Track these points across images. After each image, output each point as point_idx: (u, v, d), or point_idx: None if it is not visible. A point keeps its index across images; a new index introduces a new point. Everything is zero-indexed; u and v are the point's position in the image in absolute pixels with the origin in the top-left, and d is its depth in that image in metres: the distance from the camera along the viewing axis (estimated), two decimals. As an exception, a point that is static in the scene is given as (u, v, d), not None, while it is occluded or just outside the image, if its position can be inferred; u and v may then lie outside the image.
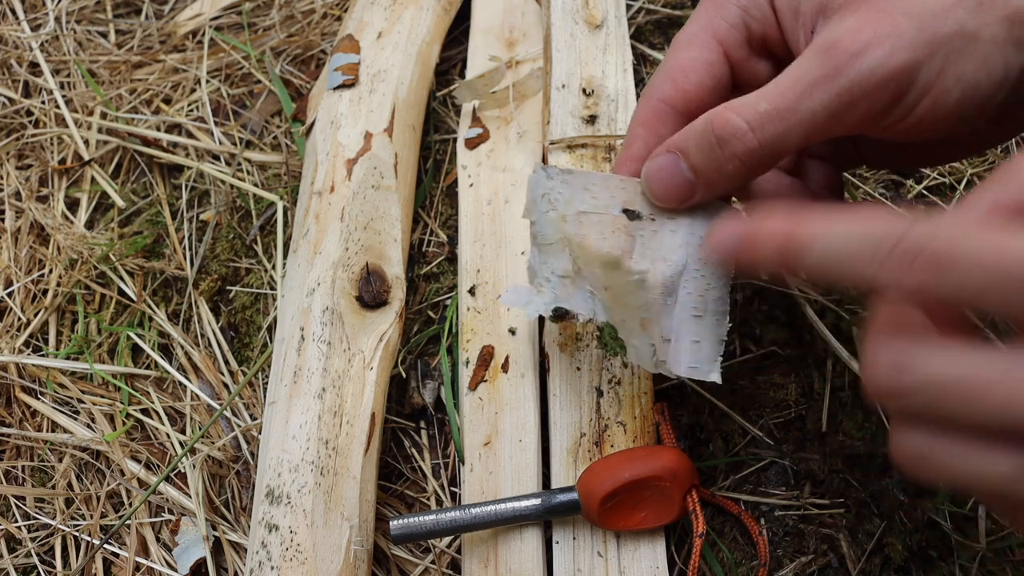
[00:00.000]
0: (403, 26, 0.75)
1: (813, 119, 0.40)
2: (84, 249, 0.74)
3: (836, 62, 0.39)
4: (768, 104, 0.40)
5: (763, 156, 0.41)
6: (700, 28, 0.47)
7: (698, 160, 0.43)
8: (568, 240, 0.47)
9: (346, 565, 0.52)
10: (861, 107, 0.40)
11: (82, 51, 0.88)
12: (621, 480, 0.50)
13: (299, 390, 0.57)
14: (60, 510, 0.64)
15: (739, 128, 0.41)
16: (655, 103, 0.47)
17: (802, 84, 0.40)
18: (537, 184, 0.48)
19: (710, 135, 0.42)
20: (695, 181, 0.44)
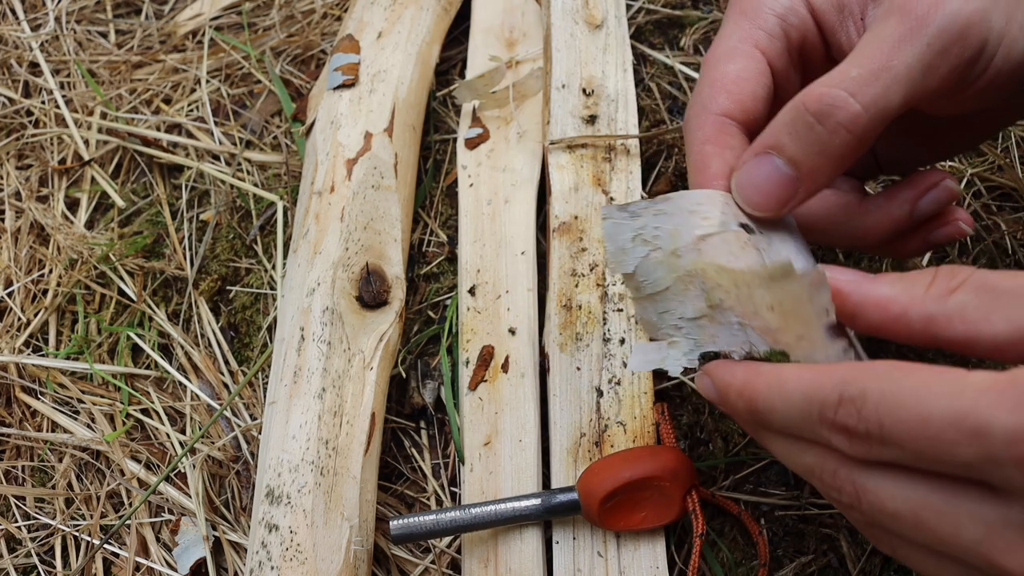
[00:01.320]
0: (403, 26, 0.75)
1: (909, 74, 0.38)
2: (84, 249, 0.74)
3: (916, 15, 0.38)
4: (860, 68, 0.38)
5: (869, 122, 0.39)
6: (740, 40, 0.44)
7: (797, 149, 0.40)
8: (699, 273, 0.41)
9: (346, 565, 0.52)
10: (953, 55, 0.38)
11: (82, 51, 0.88)
12: (621, 480, 0.50)
13: (299, 390, 0.57)
14: (60, 510, 0.64)
15: (838, 97, 0.38)
16: (716, 118, 0.43)
17: (889, 43, 0.38)
18: (620, 229, 0.43)
19: (805, 115, 0.39)
20: (797, 176, 0.40)
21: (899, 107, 0.39)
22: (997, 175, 0.66)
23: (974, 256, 0.63)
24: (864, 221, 0.46)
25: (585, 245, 0.62)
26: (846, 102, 0.38)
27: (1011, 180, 0.66)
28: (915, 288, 0.35)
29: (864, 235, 0.46)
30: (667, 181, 0.69)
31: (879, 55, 0.38)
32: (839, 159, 0.40)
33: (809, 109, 0.39)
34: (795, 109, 0.39)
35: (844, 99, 0.38)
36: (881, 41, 0.38)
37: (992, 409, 0.29)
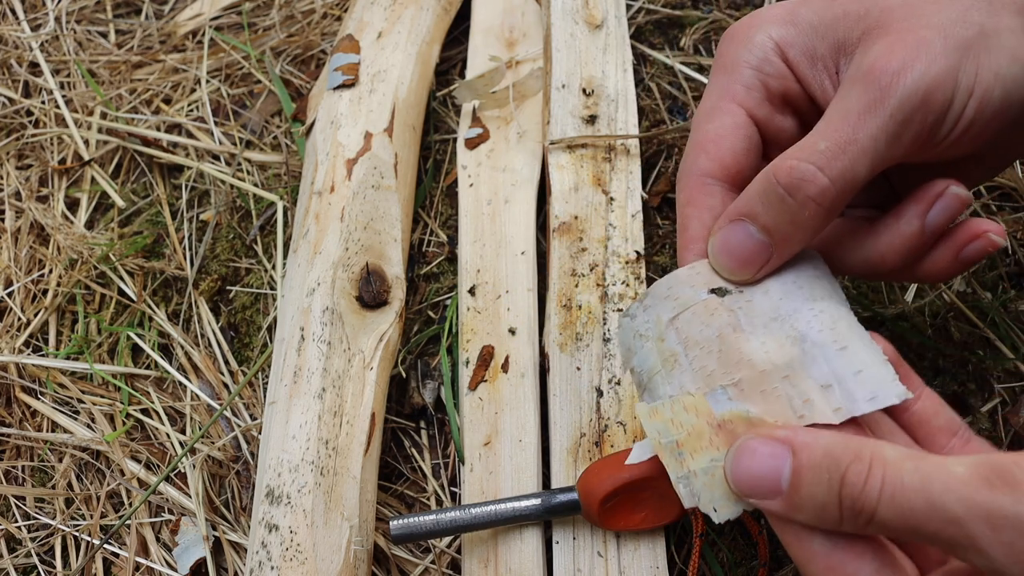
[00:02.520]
0: (403, 26, 0.75)
1: (875, 146, 0.39)
2: (84, 249, 0.74)
3: (879, 85, 0.39)
4: (827, 141, 0.40)
5: (837, 195, 0.40)
6: (718, 97, 0.46)
7: (769, 218, 0.41)
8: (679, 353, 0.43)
9: (346, 565, 0.52)
10: (916, 122, 0.40)
11: (82, 51, 0.88)
12: (621, 480, 0.50)
13: (299, 390, 0.57)
14: (60, 510, 0.64)
15: (807, 171, 0.40)
16: (695, 179, 0.45)
17: (854, 114, 0.39)
18: (625, 332, 0.46)
19: (776, 188, 0.40)
20: (769, 242, 0.42)
21: (866, 176, 0.40)
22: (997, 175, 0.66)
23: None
24: (877, 245, 0.45)
25: (585, 245, 0.62)
26: (814, 176, 0.39)
27: (1011, 180, 0.66)
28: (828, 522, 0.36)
29: (880, 260, 0.45)
30: (667, 181, 0.69)
31: (845, 128, 0.39)
32: (810, 228, 0.41)
33: (780, 182, 0.40)
34: (767, 180, 0.41)
35: (812, 173, 0.39)
36: (847, 112, 0.40)
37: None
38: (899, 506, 0.33)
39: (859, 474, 0.34)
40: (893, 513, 0.33)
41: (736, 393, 0.41)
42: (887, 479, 0.34)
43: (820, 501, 0.35)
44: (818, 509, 0.36)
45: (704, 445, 0.41)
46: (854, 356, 0.41)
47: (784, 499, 0.36)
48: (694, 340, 0.43)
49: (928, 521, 0.32)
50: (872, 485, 0.34)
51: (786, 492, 0.36)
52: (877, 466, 0.34)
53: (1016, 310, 0.61)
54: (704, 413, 0.41)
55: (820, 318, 0.42)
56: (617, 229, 0.63)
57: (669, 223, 0.67)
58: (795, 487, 0.36)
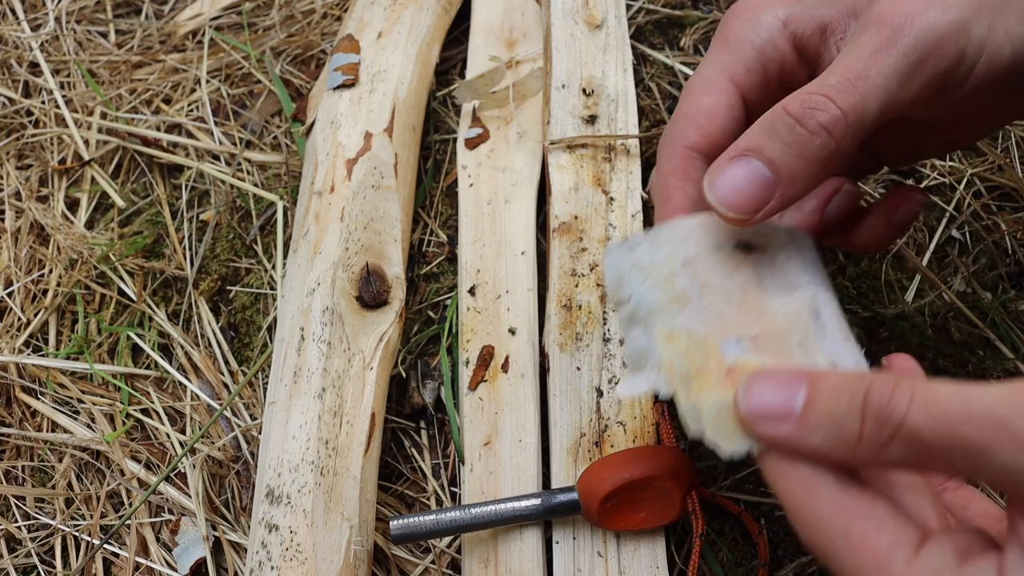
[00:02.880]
0: (403, 26, 0.75)
1: (886, 83, 0.39)
2: (84, 249, 0.74)
3: (892, 26, 0.39)
4: (838, 76, 0.39)
5: (847, 127, 0.39)
6: (716, 72, 0.45)
7: (777, 151, 0.39)
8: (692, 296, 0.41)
9: (346, 565, 0.52)
10: (929, 65, 0.39)
11: (82, 51, 0.88)
12: (621, 480, 0.50)
13: (299, 390, 0.57)
14: (60, 510, 0.64)
15: (819, 100, 0.38)
16: (682, 151, 0.44)
17: (865, 53, 0.39)
18: (619, 261, 0.44)
19: (785, 118, 0.39)
20: (776, 179, 0.39)
21: (877, 115, 0.39)
22: (997, 175, 0.66)
23: (974, 256, 0.63)
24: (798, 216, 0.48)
25: (585, 245, 0.62)
26: (826, 105, 0.38)
27: (1011, 180, 0.66)
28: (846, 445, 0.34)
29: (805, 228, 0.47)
30: (667, 181, 0.69)
31: (856, 64, 0.39)
32: (818, 163, 0.39)
33: (790, 112, 0.39)
34: (774, 113, 0.39)
35: (824, 103, 0.38)
36: (859, 51, 0.39)
37: None
38: (932, 411, 0.31)
39: (885, 386, 0.33)
40: (925, 419, 0.32)
41: (751, 346, 0.40)
42: (917, 392, 0.32)
43: (839, 416, 0.33)
44: (836, 426, 0.34)
45: (712, 385, 0.39)
46: (852, 349, 0.41)
47: (796, 420, 0.35)
48: (713, 286, 0.41)
49: (967, 423, 0.31)
50: (901, 395, 0.32)
51: (799, 412, 0.35)
52: (905, 383, 0.33)
53: (1016, 310, 0.61)
54: (714, 355, 0.40)
55: (831, 304, 0.42)
56: (617, 229, 0.63)
57: (669, 223, 0.67)
58: (811, 404, 0.34)
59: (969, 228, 0.65)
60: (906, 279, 0.63)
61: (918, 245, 0.64)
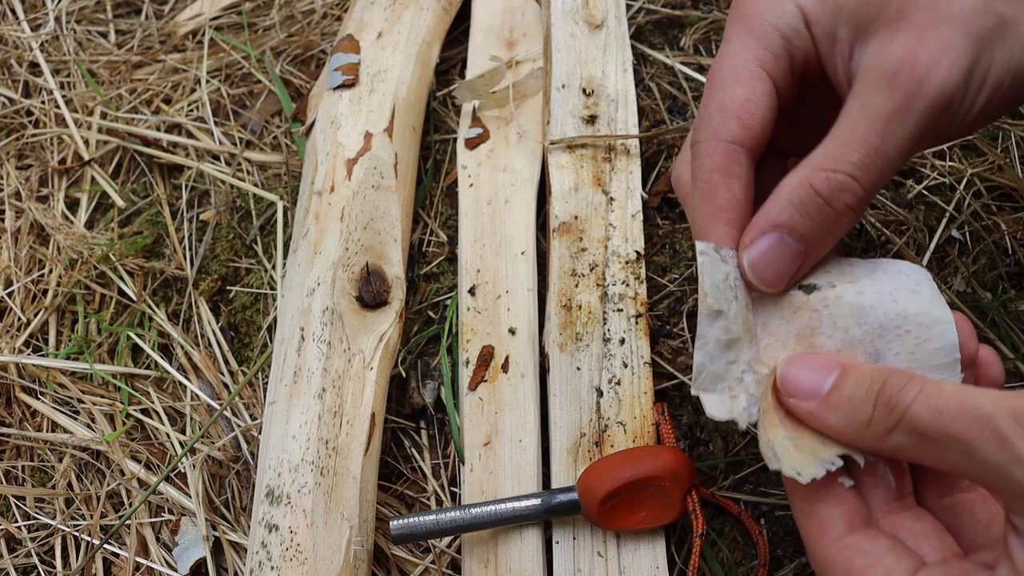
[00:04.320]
0: (403, 26, 0.75)
1: (901, 153, 0.41)
2: (84, 249, 0.74)
3: (905, 93, 0.39)
4: (858, 153, 0.40)
5: (869, 200, 0.42)
6: (747, 60, 0.44)
7: (808, 228, 0.42)
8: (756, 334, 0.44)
9: (346, 565, 0.52)
10: (937, 125, 0.40)
11: (82, 51, 0.88)
12: (621, 480, 0.50)
13: (299, 390, 0.57)
14: (60, 510, 0.64)
15: (846, 183, 0.41)
16: (726, 146, 0.44)
17: (880, 122, 0.40)
18: (716, 268, 0.43)
19: (815, 198, 0.41)
20: (806, 251, 0.43)
21: (890, 178, 0.43)
22: (997, 175, 0.66)
23: (974, 256, 0.63)
24: None
25: (585, 245, 0.62)
26: (852, 187, 0.41)
27: (1011, 180, 0.66)
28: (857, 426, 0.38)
29: None
30: (667, 181, 0.69)
31: (873, 137, 0.40)
32: (841, 233, 0.43)
33: (819, 192, 0.41)
34: (803, 189, 0.41)
35: (851, 184, 0.41)
36: (873, 119, 0.40)
37: None
38: (932, 404, 0.35)
39: (900, 379, 0.37)
40: (925, 410, 0.35)
41: None
42: (925, 387, 0.36)
43: (857, 400, 0.38)
44: (851, 408, 0.38)
45: (776, 423, 0.41)
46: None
47: (821, 400, 0.39)
48: (771, 330, 0.43)
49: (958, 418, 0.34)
50: (910, 389, 0.36)
51: (825, 393, 0.39)
52: (918, 379, 0.36)
53: (1016, 310, 0.61)
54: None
55: (902, 340, 0.42)
56: (617, 229, 0.63)
57: (669, 223, 0.67)
58: (836, 388, 0.39)
59: (969, 228, 0.65)
60: (906, 279, 0.63)
61: (918, 245, 0.64)
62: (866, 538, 0.38)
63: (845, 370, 0.39)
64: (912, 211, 0.66)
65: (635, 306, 0.60)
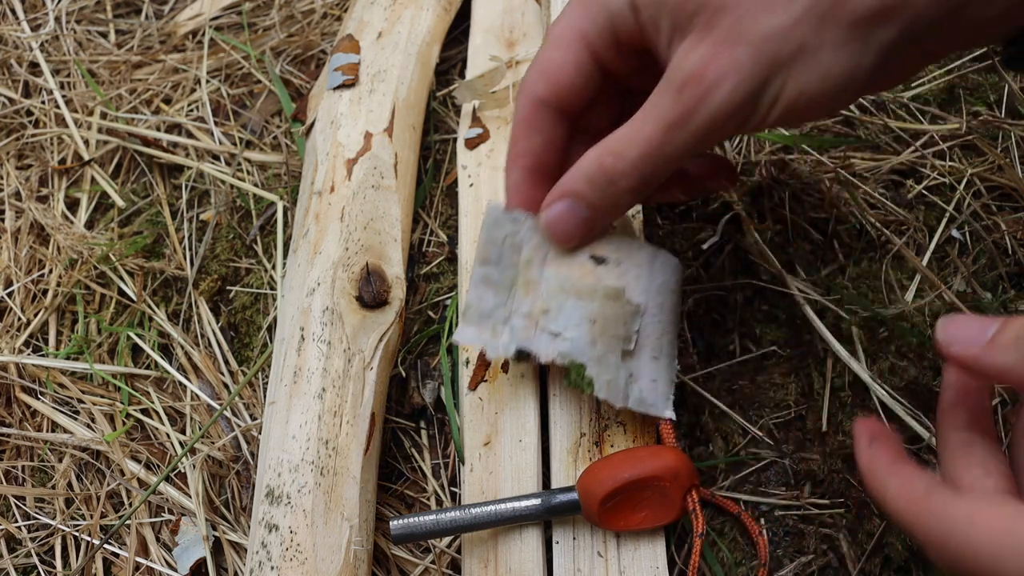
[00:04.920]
0: (403, 26, 0.75)
1: (680, 153, 0.45)
2: (84, 249, 0.74)
3: (687, 103, 0.43)
4: (638, 149, 0.45)
5: (646, 187, 0.47)
6: (569, 28, 0.49)
7: (595, 199, 0.48)
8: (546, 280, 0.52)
9: (346, 565, 0.52)
10: (719, 132, 0.44)
11: (82, 51, 0.88)
12: (621, 480, 0.50)
13: (299, 390, 0.57)
14: (60, 510, 0.64)
15: (625, 170, 0.46)
16: (532, 102, 0.50)
17: (663, 125, 0.44)
18: (499, 226, 0.52)
19: (601, 176, 0.47)
20: (592, 216, 0.49)
21: (673, 171, 0.47)
22: (997, 175, 0.66)
23: (974, 256, 0.63)
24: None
25: (585, 245, 0.62)
26: (630, 175, 0.46)
27: (1011, 180, 0.66)
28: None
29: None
30: (667, 181, 0.69)
31: (656, 139, 0.45)
32: (625, 207, 0.50)
33: (606, 172, 0.47)
34: (593, 166, 0.47)
35: (629, 172, 0.46)
36: (657, 121, 0.44)
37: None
38: None
39: None
40: None
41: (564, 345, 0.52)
42: None
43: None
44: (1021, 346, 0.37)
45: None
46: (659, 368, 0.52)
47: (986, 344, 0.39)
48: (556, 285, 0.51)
49: None
50: None
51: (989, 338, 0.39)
52: None
53: (1016, 310, 0.61)
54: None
55: (654, 326, 0.52)
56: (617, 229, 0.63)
57: (669, 223, 0.67)
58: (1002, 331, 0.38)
59: (969, 228, 0.65)
60: (906, 279, 0.63)
61: (918, 245, 0.64)
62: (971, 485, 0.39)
63: (1009, 319, 0.39)
64: (912, 211, 0.66)
65: (635, 306, 0.60)
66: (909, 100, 0.71)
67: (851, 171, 0.67)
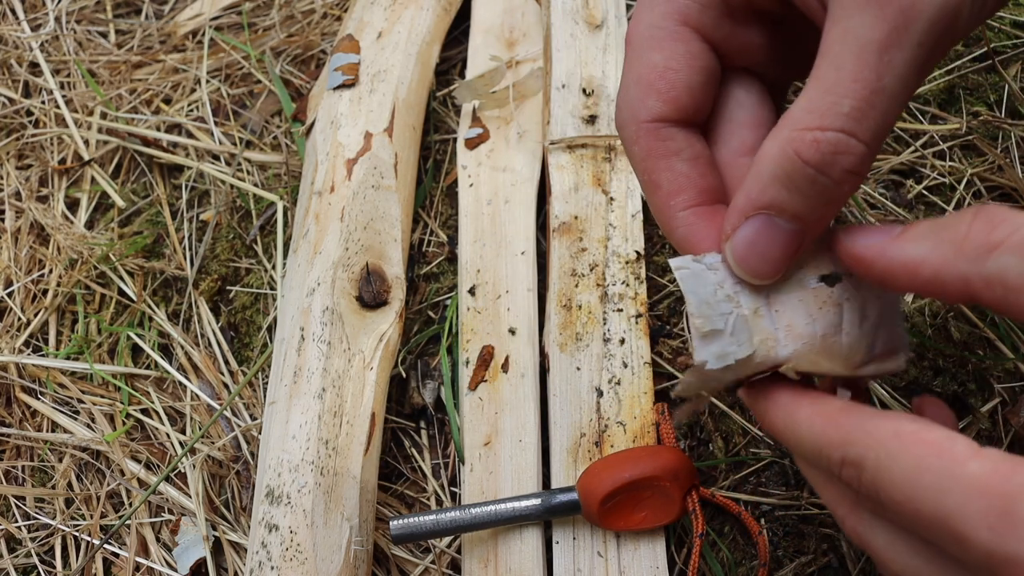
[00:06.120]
0: (403, 26, 0.75)
1: (905, 86, 0.32)
2: (84, 249, 0.74)
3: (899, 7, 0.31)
4: (850, 99, 0.32)
5: (874, 155, 0.33)
6: (664, 16, 0.38)
7: (801, 205, 0.34)
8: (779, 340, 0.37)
9: (346, 565, 0.52)
10: (945, 45, 0.33)
11: (82, 51, 0.88)
12: (621, 480, 0.50)
13: (299, 390, 0.57)
14: (60, 510, 0.64)
15: (840, 142, 0.32)
16: (648, 127, 0.38)
17: (872, 51, 0.32)
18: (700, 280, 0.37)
19: (804, 169, 0.33)
20: (802, 230, 0.35)
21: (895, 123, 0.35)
22: (997, 175, 0.66)
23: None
24: None
25: (585, 245, 0.62)
26: (848, 146, 0.32)
27: (1011, 180, 0.66)
28: (946, 246, 0.30)
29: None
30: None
31: (866, 72, 0.32)
32: (844, 200, 0.35)
33: (807, 160, 0.33)
34: (786, 159, 0.33)
35: (846, 143, 0.32)
36: (862, 49, 0.32)
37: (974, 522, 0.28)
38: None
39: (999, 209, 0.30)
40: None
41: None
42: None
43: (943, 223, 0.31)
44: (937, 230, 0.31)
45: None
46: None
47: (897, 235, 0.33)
48: (797, 332, 0.37)
49: None
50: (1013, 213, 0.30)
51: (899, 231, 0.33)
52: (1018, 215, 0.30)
53: (1016, 310, 0.61)
54: None
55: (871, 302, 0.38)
56: (617, 229, 0.63)
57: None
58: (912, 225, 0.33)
59: (969, 228, 0.64)
60: (906, 279, 0.63)
61: (918, 245, 0.64)
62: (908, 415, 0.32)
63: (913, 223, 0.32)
64: (912, 211, 0.66)
65: (635, 306, 0.60)
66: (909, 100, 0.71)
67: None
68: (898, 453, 0.30)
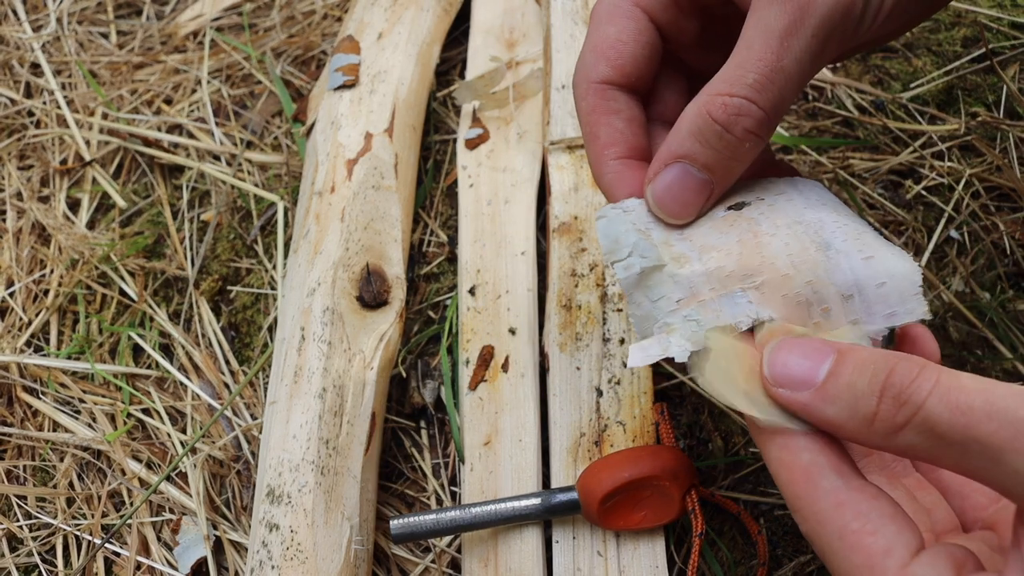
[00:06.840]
0: (403, 27, 0.75)
1: (800, 69, 0.39)
2: (85, 249, 0.74)
3: (799, 3, 0.38)
4: (754, 73, 0.39)
5: (771, 122, 0.40)
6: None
7: (709, 156, 0.41)
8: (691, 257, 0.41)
9: (346, 564, 0.52)
10: (838, 35, 0.39)
11: (83, 52, 0.89)
12: (621, 480, 0.50)
13: (299, 390, 0.57)
14: (61, 509, 0.64)
15: (741, 106, 0.39)
16: (597, 87, 0.44)
17: (775, 38, 0.38)
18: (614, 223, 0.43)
19: (713, 125, 0.40)
20: (710, 179, 0.41)
21: (795, 96, 0.41)
22: (995, 176, 0.66)
23: (973, 256, 0.63)
24: None
25: (585, 245, 0.62)
26: (749, 110, 0.39)
27: (1009, 180, 0.66)
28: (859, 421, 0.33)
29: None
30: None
31: (768, 54, 0.38)
32: (748, 158, 0.41)
33: (716, 119, 0.39)
34: (700, 117, 0.40)
35: (747, 108, 0.39)
36: (767, 35, 0.38)
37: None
38: (953, 402, 0.31)
39: (911, 369, 0.32)
40: (944, 408, 0.31)
41: (756, 297, 0.39)
42: (942, 379, 0.32)
43: (858, 391, 0.33)
44: (852, 400, 0.33)
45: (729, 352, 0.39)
46: (879, 266, 0.39)
47: (817, 390, 0.34)
48: (710, 246, 0.41)
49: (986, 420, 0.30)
50: (924, 380, 0.32)
51: (821, 382, 0.34)
52: (931, 369, 0.32)
53: (1014, 310, 0.61)
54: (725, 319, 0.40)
55: (844, 229, 0.41)
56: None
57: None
58: (833, 375, 0.34)
59: (967, 228, 0.65)
60: (905, 279, 0.63)
61: (917, 245, 0.64)
62: (865, 498, 0.34)
63: (842, 355, 0.34)
64: (911, 211, 0.66)
65: (635, 306, 0.60)
66: (908, 101, 0.71)
67: (850, 171, 0.67)
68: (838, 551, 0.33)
